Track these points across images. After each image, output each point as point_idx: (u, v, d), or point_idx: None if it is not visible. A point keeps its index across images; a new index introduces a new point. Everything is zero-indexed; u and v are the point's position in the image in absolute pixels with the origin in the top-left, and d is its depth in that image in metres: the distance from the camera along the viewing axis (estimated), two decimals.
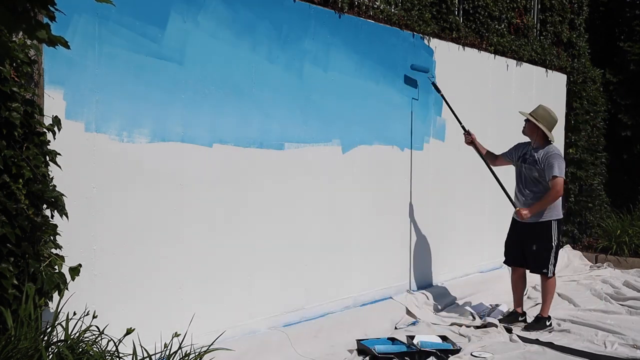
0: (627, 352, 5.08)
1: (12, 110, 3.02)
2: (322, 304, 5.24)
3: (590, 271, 8.18)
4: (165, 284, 4.09)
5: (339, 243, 5.39)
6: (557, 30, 8.67)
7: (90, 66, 3.62)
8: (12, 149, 3.04)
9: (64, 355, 2.85)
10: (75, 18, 3.50)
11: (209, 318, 4.29)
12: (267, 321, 4.77)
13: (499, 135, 7.43)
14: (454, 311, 6.10)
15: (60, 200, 3.20)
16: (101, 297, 3.70)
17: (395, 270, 6.03)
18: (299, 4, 4.93)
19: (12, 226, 3.00)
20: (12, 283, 3.01)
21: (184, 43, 4.12)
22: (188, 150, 4.19)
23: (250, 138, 4.59)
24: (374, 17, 5.62)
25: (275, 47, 4.73)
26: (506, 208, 6.05)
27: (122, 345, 3.16)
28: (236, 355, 4.08)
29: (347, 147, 5.42)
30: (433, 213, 6.48)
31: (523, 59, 7.85)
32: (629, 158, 9.90)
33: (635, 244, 8.74)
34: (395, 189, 5.98)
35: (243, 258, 4.59)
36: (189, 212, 4.21)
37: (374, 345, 4.80)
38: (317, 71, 5.08)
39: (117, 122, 3.79)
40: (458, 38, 6.66)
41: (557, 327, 5.73)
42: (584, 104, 9.04)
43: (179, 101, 4.12)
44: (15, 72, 3.11)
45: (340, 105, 5.33)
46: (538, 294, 6.46)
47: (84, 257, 3.58)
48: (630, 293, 6.99)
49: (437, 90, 6.09)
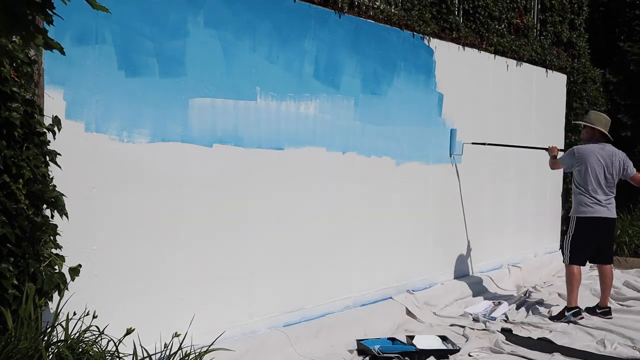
0: (626, 352, 5.08)
1: (12, 110, 3.02)
2: (322, 304, 5.24)
3: (590, 271, 8.17)
4: (165, 284, 4.09)
5: (339, 243, 5.39)
6: (557, 30, 8.67)
7: (90, 66, 3.62)
8: (12, 149, 3.04)
9: (64, 356, 2.84)
10: (75, 17, 3.50)
11: (209, 318, 4.29)
12: (267, 321, 4.77)
13: (499, 135, 7.44)
14: (454, 311, 6.10)
15: (60, 200, 3.20)
16: (101, 297, 3.70)
17: (395, 271, 6.02)
18: (299, 4, 4.93)
19: (12, 226, 3.00)
20: (12, 283, 3.01)
21: (184, 43, 4.12)
22: (188, 150, 4.19)
23: (250, 138, 4.59)
24: (374, 17, 5.62)
25: (275, 47, 4.74)
26: (504, 208, 6.02)
27: (122, 345, 3.16)
28: (236, 355, 4.08)
29: (345, 149, 5.43)
30: (438, 213, 6.48)
31: (523, 59, 7.85)
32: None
33: (635, 244, 8.75)
34: (395, 192, 5.97)
35: (243, 258, 4.59)
36: (189, 212, 4.21)
37: (373, 345, 4.80)
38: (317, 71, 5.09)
39: (117, 122, 3.79)
40: (458, 38, 6.66)
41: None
42: (584, 104, 9.04)
43: (178, 101, 4.12)
44: (15, 72, 3.11)
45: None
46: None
47: (83, 257, 3.58)
48: (630, 293, 6.99)
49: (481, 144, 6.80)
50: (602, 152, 6.05)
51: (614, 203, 6.08)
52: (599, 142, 6.11)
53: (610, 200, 6.03)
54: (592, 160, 5.99)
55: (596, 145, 6.08)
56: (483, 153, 7.16)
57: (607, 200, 6.01)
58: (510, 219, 7.67)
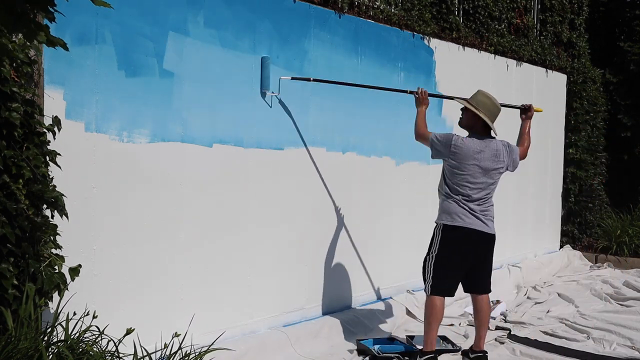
0: (625, 353, 5.08)
1: (12, 110, 3.01)
2: (322, 304, 5.25)
3: (590, 271, 8.19)
4: (165, 284, 4.09)
5: (339, 243, 5.39)
6: (557, 30, 8.67)
7: (90, 66, 3.62)
8: (12, 149, 3.04)
9: (64, 356, 2.84)
10: (75, 17, 3.50)
11: (209, 318, 4.29)
12: (267, 321, 4.77)
13: (499, 135, 7.43)
14: (454, 311, 6.10)
15: (60, 200, 3.20)
16: (101, 297, 3.70)
17: (395, 271, 6.03)
18: (299, 4, 4.93)
19: (12, 226, 3.00)
20: (12, 283, 3.01)
21: (184, 42, 4.12)
22: (188, 150, 4.19)
23: (250, 138, 4.59)
24: (374, 17, 5.62)
25: (275, 47, 4.74)
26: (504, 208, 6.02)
27: (122, 345, 3.16)
28: (236, 355, 4.08)
29: (345, 149, 5.43)
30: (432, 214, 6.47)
31: (523, 59, 7.85)
32: (629, 158, 9.90)
33: (635, 244, 8.75)
34: (395, 191, 5.98)
35: (243, 258, 4.59)
36: (189, 212, 4.21)
37: (373, 345, 4.80)
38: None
39: (117, 122, 3.79)
40: (458, 38, 6.66)
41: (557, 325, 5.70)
42: (584, 104, 9.04)
43: (178, 101, 4.12)
44: (15, 72, 3.11)
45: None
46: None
47: (84, 257, 3.58)
48: (630, 293, 6.99)
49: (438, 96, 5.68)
50: (483, 152, 4.53)
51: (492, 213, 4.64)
52: (482, 137, 4.58)
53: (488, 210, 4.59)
54: (470, 162, 4.48)
55: (478, 141, 4.53)
56: None
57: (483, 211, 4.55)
58: (510, 219, 7.67)
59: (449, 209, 4.52)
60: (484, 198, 4.56)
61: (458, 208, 4.49)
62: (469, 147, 4.50)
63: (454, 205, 4.50)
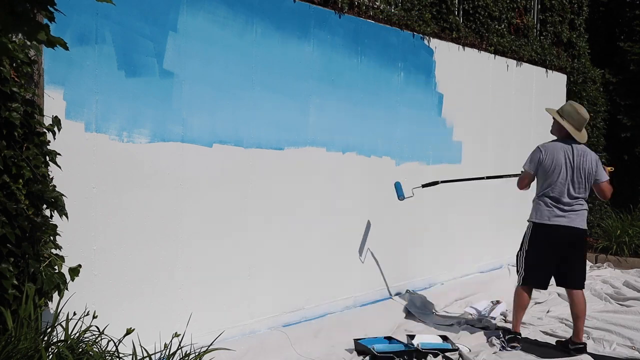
0: (625, 353, 5.09)
1: (12, 110, 3.02)
2: (322, 304, 5.25)
3: (590, 271, 8.18)
4: (165, 284, 4.09)
5: (339, 243, 5.39)
6: (557, 30, 8.67)
7: (90, 66, 3.62)
8: (12, 149, 3.04)
9: (64, 356, 2.84)
10: (75, 17, 3.50)
11: (209, 318, 4.29)
12: (267, 321, 4.77)
13: (499, 135, 7.44)
14: (454, 311, 6.10)
15: (60, 200, 3.20)
16: (101, 297, 3.70)
17: (395, 271, 6.03)
18: (299, 4, 4.93)
19: (12, 226, 3.00)
20: (12, 283, 3.01)
21: (184, 42, 4.12)
22: (188, 150, 4.19)
23: (250, 138, 4.59)
24: (374, 17, 5.62)
25: (275, 46, 4.74)
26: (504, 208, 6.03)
27: (122, 345, 3.16)
28: (236, 355, 4.08)
29: (345, 149, 5.43)
30: (432, 214, 6.48)
31: (523, 59, 7.85)
32: (629, 159, 9.90)
33: (635, 244, 8.75)
34: (390, 192, 5.97)
35: (243, 258, 4.59)
36: (189, 212, 4.22)
37: (371, 344, 4.79)
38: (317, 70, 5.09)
39: (117, 122, 3.79)
40: (458, 38, 6.66)
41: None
42: (584, 104, 9.02)
43: (178, 101, 4.12)
44: (15, 72, 3.11)
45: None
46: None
47: (83, 257, 3.58)
48: (630, 293, 6.99)
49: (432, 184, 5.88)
50: (568, 153, 5.05)
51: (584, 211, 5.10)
52: (566, 142, 5.11)
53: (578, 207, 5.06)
54: (560, 158, 5.01)
55: (561, 144, 5.09)
56: (482, 154, 7.16)
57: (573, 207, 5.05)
58: (510, 219, 7.67)
59: (539, 207, 5.07)
60: (572, 196, 5.02)
61: (546, 207, 5.03)
62: (552, 151, 5.05)
63: (542, 204, 5.05)
